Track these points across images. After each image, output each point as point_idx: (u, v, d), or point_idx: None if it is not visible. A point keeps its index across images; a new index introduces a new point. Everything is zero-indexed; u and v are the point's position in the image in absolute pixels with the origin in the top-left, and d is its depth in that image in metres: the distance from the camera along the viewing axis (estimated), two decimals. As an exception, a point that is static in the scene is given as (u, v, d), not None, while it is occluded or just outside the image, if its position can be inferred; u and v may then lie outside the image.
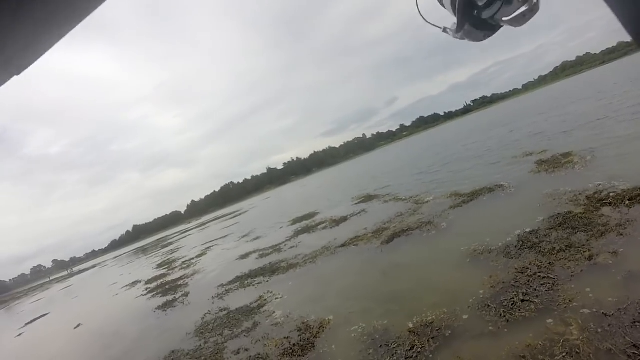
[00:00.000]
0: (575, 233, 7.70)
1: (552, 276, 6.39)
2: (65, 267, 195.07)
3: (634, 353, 4.11)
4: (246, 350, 8.08)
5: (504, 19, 1.07)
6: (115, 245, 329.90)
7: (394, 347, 6.09)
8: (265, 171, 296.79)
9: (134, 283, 26.03)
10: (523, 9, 1.02)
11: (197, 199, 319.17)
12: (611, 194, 9.05)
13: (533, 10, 1.02)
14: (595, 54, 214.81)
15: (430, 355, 5.57)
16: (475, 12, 1.11)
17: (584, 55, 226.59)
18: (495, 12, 1.07)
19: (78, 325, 17.39)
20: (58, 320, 22.36)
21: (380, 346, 6.29)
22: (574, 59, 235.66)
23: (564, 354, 4.51)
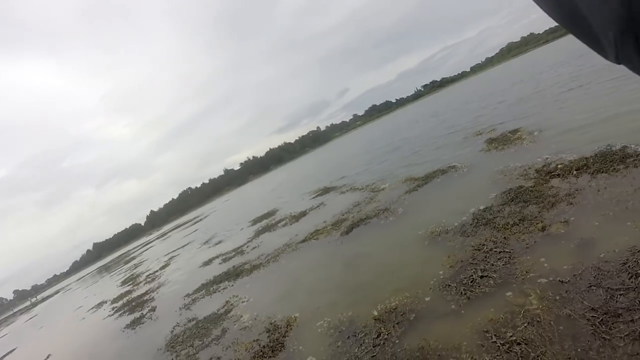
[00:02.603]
0: (527, 206, 7.84)
1: (508, 250, 6.48)
2: (28, 297, 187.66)
3: (592, 316, 4.17)
4: (218, 358, 7.90)
5: None
6: (77, 266, 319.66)
7: (361, 337, 6.05)
8: (223, 173, 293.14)
9: (100, 304, 25.24)
10: None
11: (156, 209, 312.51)
12: (559, 166, 9.28)
13: None
14: (539, 33, 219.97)
15: (397, 341, 5.54)
16: None
17: (528, 35, 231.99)
18: None
19: (48, 357, 16.71)
20: (26, 355, 21.43)
21: (348, 337, 6.24)
22: (518, 39, 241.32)
23: (525, 324, 4.55)
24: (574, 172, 8.51)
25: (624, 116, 11.13)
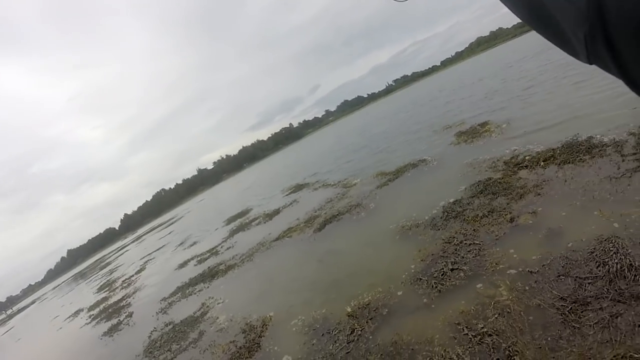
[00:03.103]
0: (496, 198, 7.89)
1: (477, 242, 6.50)
2: (4, 309, 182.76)
3: (562, 305, 4.19)
4: (196, 361, 7.80)
5: None
6: (52, 275, 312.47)
7: (335, 334, 6.02)
8: (196, 173, 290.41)
9: (77, 312, 24.68)
10: None
11: (130, 212, 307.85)
12: (527, 158, 9.37)
13: None
14: (507, 28, 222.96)
15: (370, 337, 5.52)
16: None
17: (497, 30, 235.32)
18: None
19: None
20: None
21: (322, 335, 6.20)
22: (487, 34, 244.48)
23: (496, 315, 4.55)
24: (542, 163, 8.61)
25: (590, 107, 11.32)
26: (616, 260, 4.43)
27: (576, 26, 0.61)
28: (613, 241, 4.81)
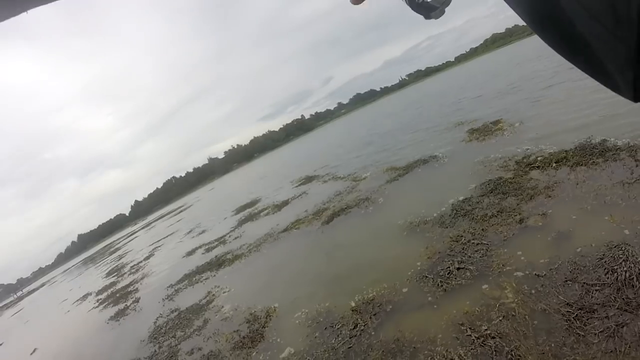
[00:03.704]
0: (506, 198, 7.82)
1: (485, 242, 6.45)
2: (14, 290, 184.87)
3: (567, 311, 4.14)
4: (199, 349, 7.83)
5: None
6: (62, 258, 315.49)
7: (338, 328, 6.01)
8: (207, 162, 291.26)
9: (85, 296, 24.97)
10: None
11: (140, 199, 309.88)
12: (539, 158, 9.27)
13: None
14: (523, 25, 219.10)
15: (373, 332, 5.51)
16: None
17: (512, 27, 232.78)
18: None
19: (34, 351, 16.48)
20: (13, 349, 21.12)
21: (325, 328, 6.20)
22: (503, 30, 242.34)
23: (500, 318, 4.52)
24: (554, 165, 8.51)
25: (605, 110, 11.14)
26: (625, 268, 4.37)
27: (625, 65, 0.56)
28: (623, 248, 4.74)
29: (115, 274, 28.39)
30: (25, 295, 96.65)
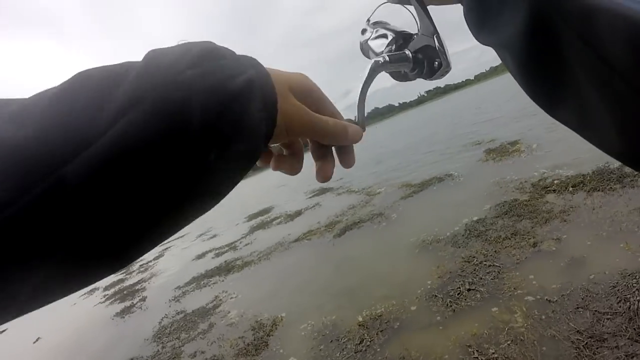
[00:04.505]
0: (521, 220, 7.76)
1: (497, 264, 6.40)
2: None
3: (577, 339, 4.09)
4: (202, 352, 7.83)
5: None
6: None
7: (343, 342, 5.98)
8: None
9: (92, 290, 25.06)
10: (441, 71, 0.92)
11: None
12: (555, 181, 9.18)
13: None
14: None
15: (379, 349, 5.47)
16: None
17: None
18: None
19: (37, 339, 16.63)
20: (16, 336, 21.32)
21: (331, 341, 6.17)
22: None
23: (508, 342, 4.47)
24: (570, 189, 8.42)
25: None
26: (638, 298, 4.31)
27: None
28: (637, 277, 4.68)
29: (124, 271, 28.43)
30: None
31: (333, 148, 0.76)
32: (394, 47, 0.93)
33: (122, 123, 0.36)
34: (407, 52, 0.90)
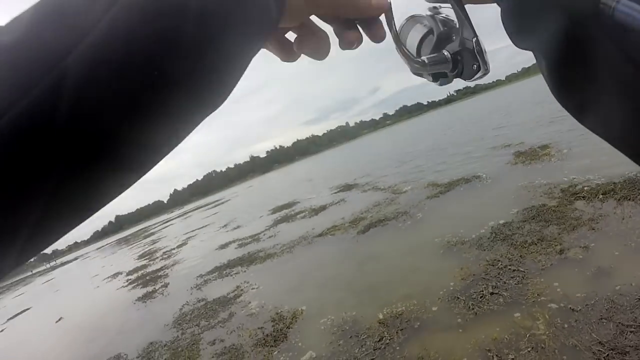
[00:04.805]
0: (548, 226, 7.67)
1: (522, 269, 6.35)
2: (49, 260, 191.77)
3: (599, 350, 4.07)
4: (221, 340, 8.02)
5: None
6: (97, 236, 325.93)
7: (363, 339, 6.04)
8: (249, 159, 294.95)
9: (116, 275, 25.69)
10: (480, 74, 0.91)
11: (180, 188, 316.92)
12: (585, 188, 9.03)
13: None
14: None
15: (398, 347, 5.51)
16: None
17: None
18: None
19: (60, 319, 17.11)
20: (40, 315, 21.98)
21: (350, 337, 6.24)
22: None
23: (529, 349, 4.46)
24: (600, 196, 8.27)
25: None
26: (665, 312, 4.26)
27: None
28: (664, 290, 4.62)
29: (148, 257, 29.05)
30: (59, 265, 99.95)
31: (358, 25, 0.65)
32: (434, 40, 0.92)
33: (118, 6, 0.35)
34: (446, 53, 0.91)
